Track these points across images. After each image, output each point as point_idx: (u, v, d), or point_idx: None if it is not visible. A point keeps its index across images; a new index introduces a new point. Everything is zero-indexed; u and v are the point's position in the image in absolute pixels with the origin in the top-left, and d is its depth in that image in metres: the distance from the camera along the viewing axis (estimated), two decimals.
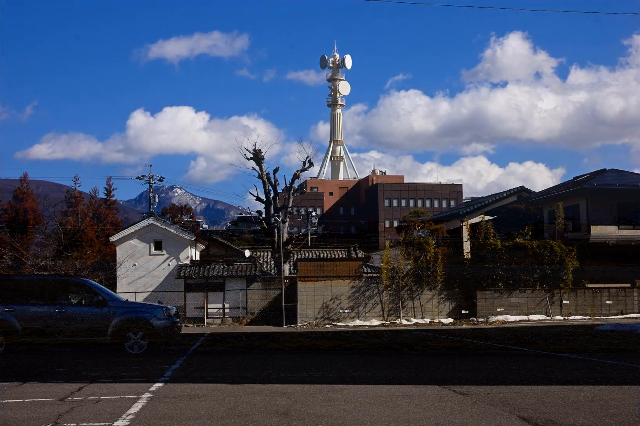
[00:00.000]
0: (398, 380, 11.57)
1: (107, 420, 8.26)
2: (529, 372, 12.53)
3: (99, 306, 16.53)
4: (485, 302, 33.85)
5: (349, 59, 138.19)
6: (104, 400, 9.74)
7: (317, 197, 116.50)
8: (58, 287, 17.00)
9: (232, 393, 10.24)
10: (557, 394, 9.64)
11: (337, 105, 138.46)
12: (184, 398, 9.83)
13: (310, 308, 34.20)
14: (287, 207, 41.44)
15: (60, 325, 16.31)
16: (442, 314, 34.34)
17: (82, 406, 9.25)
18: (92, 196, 54.10)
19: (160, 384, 11.30)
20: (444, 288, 34.52)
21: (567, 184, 40.45)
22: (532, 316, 33.27)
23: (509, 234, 36.23)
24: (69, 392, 10.59)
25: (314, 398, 9.64)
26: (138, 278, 38.00)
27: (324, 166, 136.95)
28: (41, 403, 9.60)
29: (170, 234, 38.37)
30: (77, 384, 11.54)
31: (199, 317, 36.38)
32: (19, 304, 16.44)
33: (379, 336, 22.80)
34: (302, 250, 47.39)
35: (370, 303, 34.28)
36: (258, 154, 40.82)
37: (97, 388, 11.06)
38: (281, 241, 37.79)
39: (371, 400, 9.34)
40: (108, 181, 56.92)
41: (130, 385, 11.33)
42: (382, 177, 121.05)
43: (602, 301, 34.39)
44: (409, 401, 9.25)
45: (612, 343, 18.53)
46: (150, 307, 17.21)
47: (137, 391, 10.45)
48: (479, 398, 9.37)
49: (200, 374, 12.94)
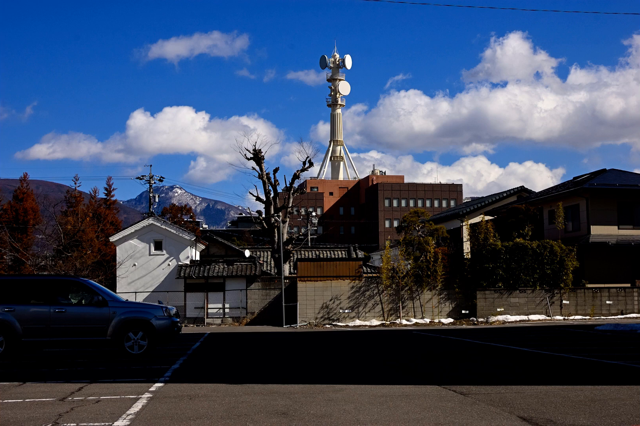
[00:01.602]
0: (398, 380, 11.58)
1: (107, 420, 8.26)
2: (528, 372, 12.53)
3: (99, 306, 16.52)
4: (485, 302, 33.86)
5: (349, 59, 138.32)
6: (104, 400, 9.74)
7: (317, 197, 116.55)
8: (58, 287, 16.97)
9: (232, 393, 10.24)
10: (557, 394, 9.64)
11: (337, 105, 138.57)
12: (184, 398, 9.83)
13: (310, 308, 34.20)
14: (287, 207, 41.43)
15: (60, 325, 16.31)
16: (442, 314, 34.34)
17: (82, 406, 9.25)
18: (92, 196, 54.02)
19: (160, 384, 11.30)
20: (444, 288, 34.52)
21: (567, 184, 40.44)
22: (532, 316, 33.26)
23: (509, 234, 36.22)
24: (69, 392, 10.59)
25: (314, 398, 9.64)
26: (138, 278, 38.00)
27: (324, 166, 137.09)
28: (41, 403, 9.60)
29: (170, 234, 38.37)
30: (77, 384, 11.54)
31: (199, 317, 36.38)
32: (19, 304, 16.42)
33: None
34: (302, 250, 47.41)
35: (370, 303, 34.28)
36: (258, 154, 40.82)
37: (97, 388, 11.07)
38: (281, 241, 37.79)
39: (371, 400, 9.34)
40: (108, 181, 56.84)
41: (130, 385, 11.33)
42: (382, 177, 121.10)
43: (602, 301, 34.39)
44: (409, 401, 9.25)
45: (612, 343, 18.53)
46: (150, 307, 17.19)
47: (137, 391, 10.46)
48: (479, 398, 9.37)
49: (200, 374, 12.94)
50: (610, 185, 36.36)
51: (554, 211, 36.61)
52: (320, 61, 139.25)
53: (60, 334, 16.33)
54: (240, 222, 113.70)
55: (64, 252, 39.42)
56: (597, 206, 36.33)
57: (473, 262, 34.68)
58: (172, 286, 37.43)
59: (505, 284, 34.09)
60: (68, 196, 51.28)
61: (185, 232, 39.15)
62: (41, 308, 16.46)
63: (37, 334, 16.26)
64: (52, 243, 42.18)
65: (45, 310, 16.39)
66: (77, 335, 16.40)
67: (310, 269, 34.65)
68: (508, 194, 48.41)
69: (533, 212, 37.80)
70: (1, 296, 16.51)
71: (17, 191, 47.70)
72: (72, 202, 49.71)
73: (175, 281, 37.41)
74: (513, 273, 34.08)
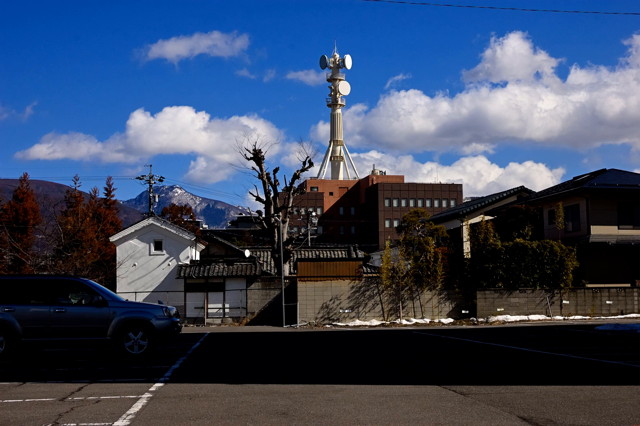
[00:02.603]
0: (398, 380, 11.57)
1: (107, 420, 8.26)
2: (528, 372, 12.53)
3: (99, 306, 16.52)
4: (485, 302, 33.86)
5: (349, 59, 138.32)
6: (104, 400, 9.74)
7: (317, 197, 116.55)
8: (58, 287, 16.97)
9: (232, 393, 10.24)
10: (557, 394, 9.64)
11: (337, 105, 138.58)
12: (184, 398, 9.83)
13: (310, 308, 34.20)
14: (287, 207, 41.42)
15: (60, 325, 16.31)
16: (442, 314, 34.34)
17: (82, 406, 9.25)
18: (92, 196, 53.99)
19: (160, 384, 11.31)
20: (444, 287, 34.52)
21: (567, 184, 40.43)
22: (532, 316, 33.27)
23: (509, 234, 36.21)
24: (69, 392, 10.59)
25: (314, 398, 9.64)
26: (138, 278, 38.00)
27: (324, 166, 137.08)
28: (41, 403, 9.61)
29: (170, 234, 38.37)
30: (77, 384, 11.54)
31: (199, 317, 36.38)
32: (19, 304, 16.43)
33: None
34: (302, 250, 47.41)
35: (370, 303, 34.28)
36: (258, 154, 40.81)
37: (97, 388, 11.07)
38: (281, 241, 37.78)
39: (371, 400, 9.34)
40: (108, 181, 56.82)
41: (130, 385, 11.34)
42: (382, 177, 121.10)
43: (602, 301, 34.39)
44: (409, 401, 9.25)
45: (612, 343, 18.53)
46: (150, 307, 17.19)
47: (137, 391, 10.46)
48: (479, 398, 9.37)
49: (200, 374, 12.95)
50: (610, 185, 36.36)
51: (554, 211, 36.61)
52: (320, 61, 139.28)
53: (60, 334, 16.33)
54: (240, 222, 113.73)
55: (64, 252, 39.42)
56: (597, 206, 36.33)
57: (473, 262, 34.68)
58: (172, 286, 37.44)
59: (505, 284, 34.09)
60: (68, 196, 51.27)
61: (185, 232, 39.15)
62: (41, 308, 16.46)
63: (37, 334, 16.26)
64: (52, 243, 42.18)
65: (45, 310, 16.39)
66: (77, 335, 16.40)
67: (310, 269, 34.65)
68: (508, 194, 48.41)
69: (533, 212, 37.79)
70: (1, 296, 16.51)
71: (17, 191, 47.70)
72: (72, 202, 49.70)
73: (175, 281, 37.41)
74: (513, 273, 34.08)
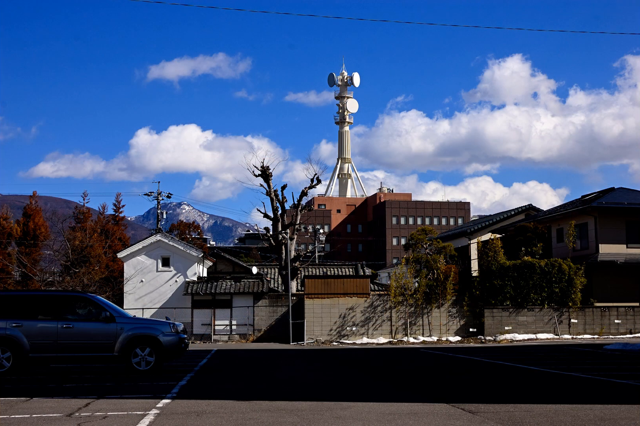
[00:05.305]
0: (406, 398, 11.51)
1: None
2: (537, 390, 12.45)
3: (107, 322, 16.52)
4: (493, 320, 33.70)
5: (357, 76, 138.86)
6: (111, 416, 9.72)
7: (324, 214, 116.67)
8: (65, 303, 16.99)
9: (240, 409, 10.21)
10: (566, 413, 9.57)
11: (344, 122, 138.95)
12: (191, 414, 9.80)
13: (318, 326, 34.09)
14: (294, 224, 41.42)
15: (67, 341, 16.31)
16: (450, 332, 34.18)
17: (89, 422, 9.23)
18: (101, 212, 54.17)
19: (168, 400, 11.27)
20: (451, 305, 34.38)
21: (575, 203, 40.34)
22: (540, 334, 33.08)
23: (516, 252, 36.10)
24: (76, 408, 10.57)
25: (322, 415, 9.60)
26: (145, 294, 37.99)
27: (331, 183, 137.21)
28: (48, 419, 9.59)
29: (178, 251, 38.40)
30: (84, 400, 11.52)
31: (206, 334, 36.30)
32: (26, 320, 16.44)
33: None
34: (310, 267, 47.36)
35: (378, 321, 34.16)
36: (266, 171, 40.87)
37: (104, 404, 11.05)
38: (288, 258, 37.76)
39: (379, 418, 9.30)
40: (117, 197, 57.04)
41: (138, 401, 11.31)
42: (389, 194, 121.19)
43: (611, 320, 34.18)
44: (417, 419, 9.20)
45: (621, 362, 18.41)
46: (158, 323, 17.17)
47: (145, 408, 10.43)
48: (488, 417, 9.31)
49: (207, 390, 12.90)
50: (619, 203, 36.26)
51: (562, 230, 36.52)
52: (328, 79, 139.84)
53: (68, 350, 16.33)
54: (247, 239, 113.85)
55: (72, 268, 39.49)
56: (606, 225, 36.21)
57: (481, 280, 34.56)
58: (179, 303, 37.39)
59: (513, 302, 33.95)
60: (76, 211, 51.46)
61: (192, 248, 39.18)
62: (49, 323, 16.46)
63: (45, 349, 16.26)
64: (60, 258, 42.28)
65: (52, 326, 16.39)
66: (84, 351, 16.39)
67: (317, 287, 34.58)
68: (516, 212, 48.27)
69: (541, 230, 37.68)
70: (9, 311, 16.54)
71: (27, 207, 47.94)
72: (80, 218, 49.87)
73: (183, 297, 37.38)
74: (521, 291, 33.94)
